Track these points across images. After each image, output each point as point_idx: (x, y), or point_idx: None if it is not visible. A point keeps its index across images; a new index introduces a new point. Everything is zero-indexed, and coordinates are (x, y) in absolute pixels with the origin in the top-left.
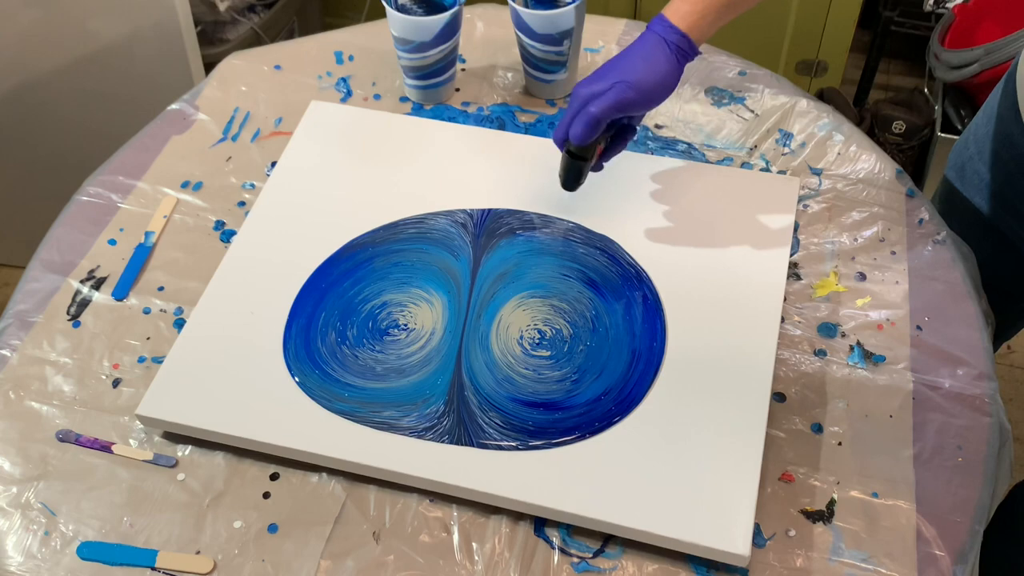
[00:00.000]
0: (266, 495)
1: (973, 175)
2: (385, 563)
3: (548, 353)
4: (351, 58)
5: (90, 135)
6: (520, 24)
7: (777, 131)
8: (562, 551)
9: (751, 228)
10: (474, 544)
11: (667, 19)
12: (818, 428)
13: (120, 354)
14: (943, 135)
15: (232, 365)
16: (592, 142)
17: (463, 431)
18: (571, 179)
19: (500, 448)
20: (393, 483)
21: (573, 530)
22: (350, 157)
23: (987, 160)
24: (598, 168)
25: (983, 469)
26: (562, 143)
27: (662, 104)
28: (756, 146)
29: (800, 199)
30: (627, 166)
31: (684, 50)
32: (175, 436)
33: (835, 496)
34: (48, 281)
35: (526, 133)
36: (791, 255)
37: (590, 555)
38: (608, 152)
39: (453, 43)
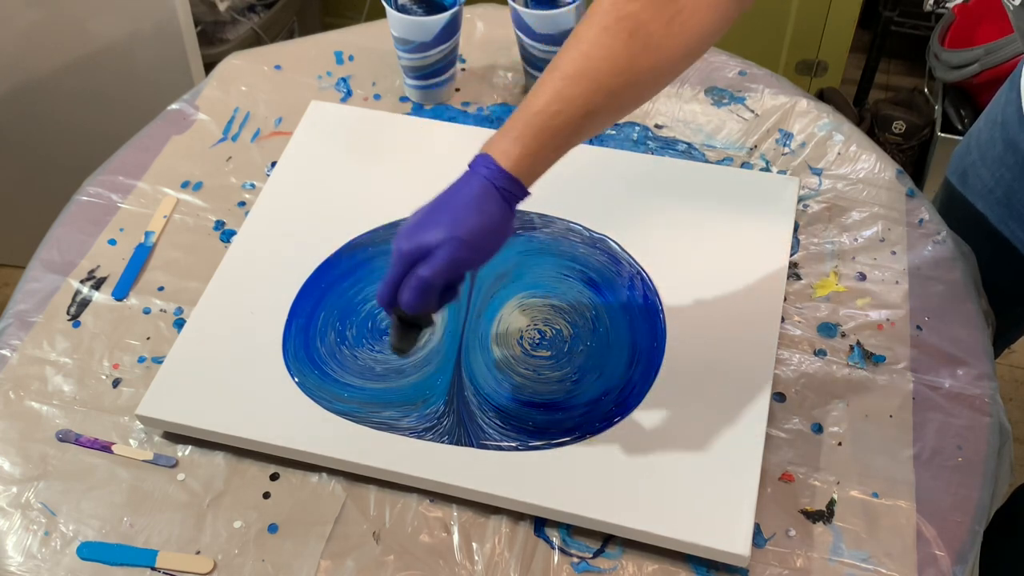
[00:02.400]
0: (266, 495)
1: (975, 180)
2: (385, 563)
3: (548, 353)
4: (351, 58)
5: (90, 135)
6: (520, 24)
7: (777, 131)
8: (562, 551)
9: (751, 228)
10: (474, 544)
11: (495, 162)
12: (818, 428)
13: (120, 354)
14: (943, 135)
15: (232, 365)
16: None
17: (463, 431)
18: (406, 345)
19: (500, 448)
20: (393, 483)
21: (573, 530)
22: (350, 157)
23: (990, 166)
24: (429, 323)
25: (983, 469)
26: (389, 306)
27: (662, 104)
28: (756, 146)
29: (800, 199)
30: (627, 166)
31: (516, 195)
32: (175, 436)
33: (835, 496)
34: (48, 281)
35: None
36: (791, 255)
37: (590, 555)
38: (439, 304)
39: (453, 43)
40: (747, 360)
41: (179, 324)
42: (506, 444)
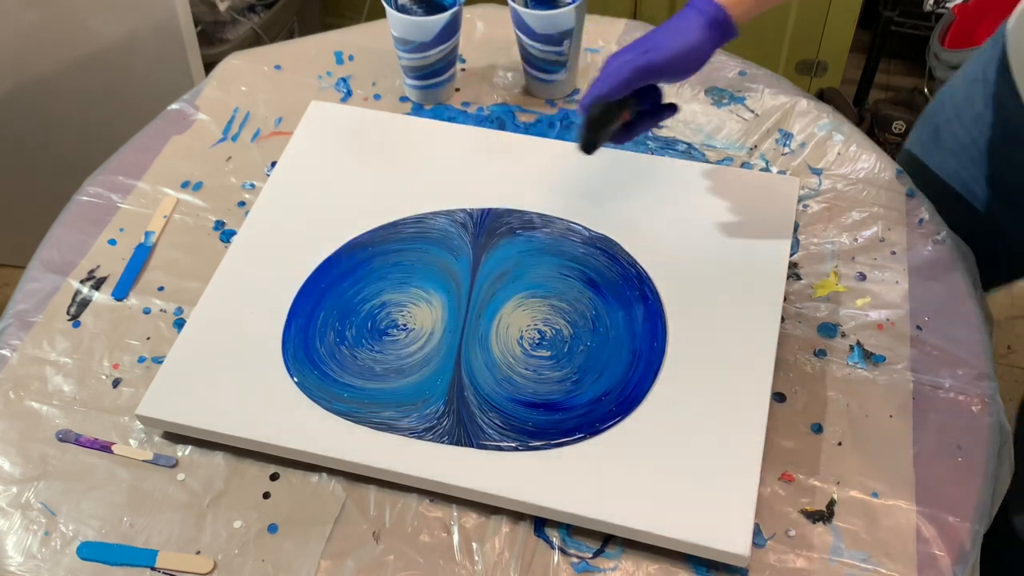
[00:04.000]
0: (266, 495)
1: (948, 137)
2: (385, 563)
3: (548, 353)
4: (351, 58)
5: (90, 135)
6: (520, 24)
7: (777, 131)
8: (562, 551)
9: (751, 228)
10: (474, 544)
11: None
12: (818, 428)
13: (120, 354)
14: None
15: (232, 365)
16: (615, 104)
17: (463, 431)
18: (589, 141)
19: (500, 449)
20: (393, 483)
21: (573, 530)
22: (350, 157)
23: (967, 124)
24: (620, 140)
25: (983, 469)
26: (587, 105)
27: None
28: (756, 146)
29: (800, 199)
30: (627, 166)
31: (720, 24)
32: (175, 436)
33: (835, 496)
34: (48, 281)
35: (526, 133)
36: (791, 255)
37: (590, 555)
38: (636, 127)
39: (453, 43)
40: (747, 360)
41: (179, 324)
42: (506, 444)
